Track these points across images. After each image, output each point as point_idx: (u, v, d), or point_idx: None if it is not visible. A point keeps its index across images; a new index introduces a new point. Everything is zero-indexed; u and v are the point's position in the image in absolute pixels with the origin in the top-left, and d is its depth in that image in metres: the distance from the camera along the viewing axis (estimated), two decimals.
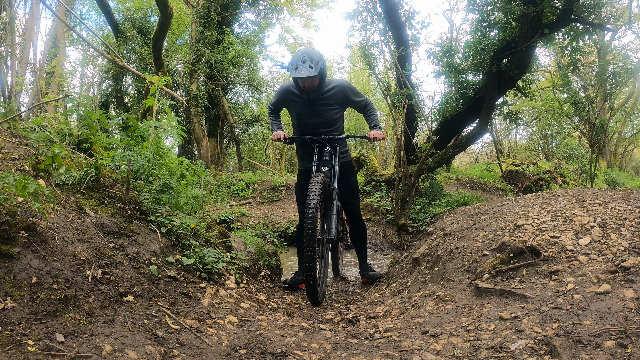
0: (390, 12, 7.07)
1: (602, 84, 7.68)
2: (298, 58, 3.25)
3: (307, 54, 3.25)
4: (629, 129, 22.79)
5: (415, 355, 1.71)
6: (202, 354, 1.69)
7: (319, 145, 3.54)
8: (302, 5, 18.70)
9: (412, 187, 5.39)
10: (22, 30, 12.56)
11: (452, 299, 2.31)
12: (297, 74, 3.23)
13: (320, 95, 3.47)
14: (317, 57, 3.27)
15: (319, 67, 3.25)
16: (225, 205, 8.66)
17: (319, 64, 3.25)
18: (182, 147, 14.59)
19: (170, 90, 8.56)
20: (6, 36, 9.33)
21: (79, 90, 18.83)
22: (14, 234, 1.70)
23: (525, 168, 12.38)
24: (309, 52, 3.27)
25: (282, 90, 3.69)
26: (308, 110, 3.55)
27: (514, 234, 2.66)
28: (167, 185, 2.61)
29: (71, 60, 21.74)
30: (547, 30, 6.18)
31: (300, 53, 3.29)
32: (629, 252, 2.12)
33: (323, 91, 3.47)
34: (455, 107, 6.97)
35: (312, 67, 3.22)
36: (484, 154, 24.60)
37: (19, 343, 1.34)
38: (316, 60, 3.25)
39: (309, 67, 3.21)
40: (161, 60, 11.79)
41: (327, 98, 3.51)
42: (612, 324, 1.60)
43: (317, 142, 3.55)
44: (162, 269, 2.18)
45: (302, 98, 3.51)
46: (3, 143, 2.60)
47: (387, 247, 6.96)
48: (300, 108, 3.57)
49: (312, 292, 2.94)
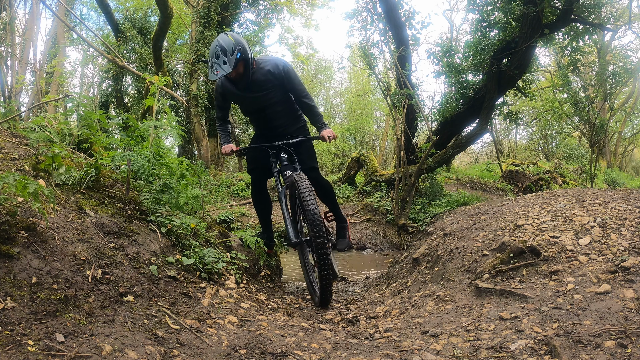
0: (390, 12, 7.07)
1: (602, 84, 7.68)
2: (212, 54, 2.94)
3: (219, 47, 2.92)
4: (629, 129, 22.78)
5: (415, 355, 1.71)
6: (202, 354, 1.69)
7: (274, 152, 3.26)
8: (302, 5, 18.69)
9: (412, 187, 5.39)
10: (22, 30, 12.56)
11: (452, 299, 2.31)
12: (213, 75, 2.96)
13: (254, 78, 3.14)
14: (231, 46, 2.92)
15: (234, 59, 2.92)
16: (225, 205, 8.66)
17: (234, 53, 2.92)
18: (182, 147, 14.60)
19: (170, 90, 8.56)
20: (6, 36, 9.33)
21: (79, 90, 18.85)
22: (14, 234, 1.70)
23: (525, 168, 12.39)
24: (220, 44, 2.93)
25: (218, 86, 3.35)
26: (249, 97, 3.23)
27: (514, 234, 2.66)
28: (167, 185, 2.61)
29: (71, 60, 21.79)
30: (547, 30, 6.19)
31: (212, 48, 2.96)
32: (629, 252, 2.12)
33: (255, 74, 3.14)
34: (455, 107, 6.97)
35: (226, 61, 2.91)
36: (484, 154, 24.60)
37: (19, 343, 1.34)
38: (230, 50, 2.91)
39: (223, 63, 2.92)
40: (161, 60, 11.79)
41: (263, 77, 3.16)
42: (612, 324, 1.60)
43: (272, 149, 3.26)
44: (162, 269, 2.18)
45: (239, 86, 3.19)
46: (3, 143, 2.60)
47: (387, 247, 6.96)
48: (241, 97, 3.27)
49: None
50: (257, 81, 3.16)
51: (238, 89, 3.21)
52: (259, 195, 3.50)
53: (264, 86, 3.19)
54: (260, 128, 3.44)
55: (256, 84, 3.17)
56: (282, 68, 3.19)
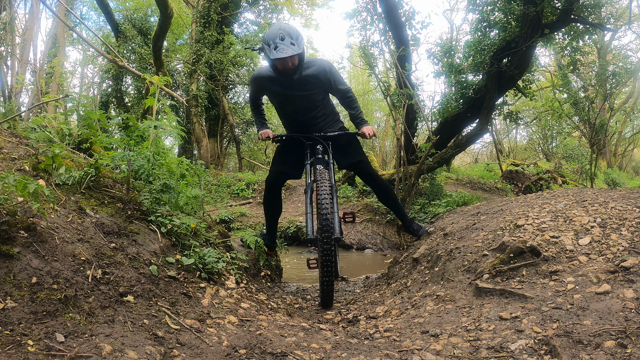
0: (390, 12, 7.07)
1: (602, 84, 7.68)
2: (275, 36, 2.81)
3: (284, 31, 2.82)
4: (629, 129, 22.78)
5: (415, 355, 1.71)
6: (202, 354, 1.69)
7: (311, 143, 3.17)
8: (302, 5, 18.72)
9: (412, 187, 5.38)
10: (22, 30, 12.57)
11: (452, 299, 2.31)
12: (280, 53, 2.79)
13: (302, 76, 3.03)
14: (296, 33, 2.85)
15: (301, 43, 2.85)
16: (225, 205, 8.66)
17: (299, 39, 2.84)
18: (182, 147, 14.60)
19: (170, 90, 8.56)
20: (6, 36, 9.33)
21: (79, 90, 18.84)
22: (14, 234, 1.70)
23: (525, 168, 12.39)
24: (285, 29, 2.84)
25: (256, 78, 3.21)
26: (290, 96, 3.12)
27: (514, 234, 2.66)
28: (167, 185, 2.61)
29: (71, 60, 21.79)
30: (547, 30, 6.19)
31: (275, 30, 2.84)
32: (629, 252, 2.12)
33: (304, 71, 3.03)
34: (455, 107, 6.98)
35: (294, 43, 2.81)
36: (484, 154, 24.60)
37: (19, 343, 1.34)
38: (296, 35, 2.83)
39: (291, 44, 2.79)
40: (161, 60, 11.79)
41: (309, 77, 3.06)
42: (612, 324, 1.60)
43: (309, 140, 3.18)
44: (162, 269, 2.17)
45: (281, 83, 3.07)
46: (3, 143, 2.60)
47: (387, 247, 6.96)
48: (281, 95, 3.16)
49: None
50: (302, 81, 3.05)
51: (279, 85, 3.09)
52: (273, 200, 3.35)
53: (309, 87, 3.09)
54: (296, 129, 3.31)
55: (300, 83, 3.05)
56: (328, 71, 3.13)
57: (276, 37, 2.80)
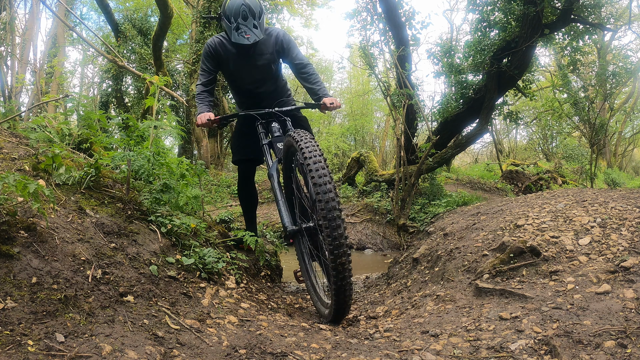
0: (390, 12, 7.07)
1: (602, 84, 7.68)
2: (237, 13, 2.54)
3: (246, 8, 2.55)
4: (629, 129, 22.78)
5: (415, 355, 1.71)
6: (202, 354, 1.69)
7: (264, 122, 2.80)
8: (302, 5, 18.72)
9: (412, 187, 5.38)
10: (22, 30, 12.56)
11: (452, 299, 2.31)
12: (242, 39, 2.55)
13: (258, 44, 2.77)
14: (258, 9, 2.60)
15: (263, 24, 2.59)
16: (225, 205, 8.66)
17: (262, 17, 2.59)
18: (182, 147, 14.61)
19: (170, 90, 8.56)
20: (6, 36, 9.33)
21: (79, 90, 18.86)
22: (14, 234, 1.70)
23: (525, 168, 12.39)
24: (247, 4, 2.57)
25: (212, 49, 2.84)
26: (244, 64, 2.83)
27: (514, 234, 2.66)
28: (167, 185, 2.61)
29: (71, 60, 21.79)
30: (547, 30, 6.20)
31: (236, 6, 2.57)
32: (629, 252, 2.12)
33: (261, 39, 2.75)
34: (455, 107, 6.98)
35: (257, 26, 2.56)
36: (484, 154, 24.60)
37: (19, 343, 1.34)
38: (258, 13, 2.58)
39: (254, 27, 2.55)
40: (161, 60, 11.80)
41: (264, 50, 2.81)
42: (612, 324, 1.60)
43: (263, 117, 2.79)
44: (162, 269, 2.17)
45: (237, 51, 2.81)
46: (3, 143, 2.60)
47: (387, 247, 6.96)
48: (235, 64, 2.86)
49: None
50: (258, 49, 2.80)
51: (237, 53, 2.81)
52: (247, 189, 3.18)
53: (265, 56, 2.85)
54: (249, 104, 3.03)
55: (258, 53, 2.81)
56: (283, 36, 2.88)
57: (238, 14, 2.56)
